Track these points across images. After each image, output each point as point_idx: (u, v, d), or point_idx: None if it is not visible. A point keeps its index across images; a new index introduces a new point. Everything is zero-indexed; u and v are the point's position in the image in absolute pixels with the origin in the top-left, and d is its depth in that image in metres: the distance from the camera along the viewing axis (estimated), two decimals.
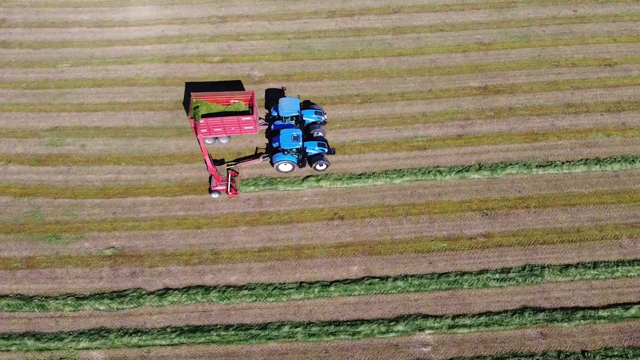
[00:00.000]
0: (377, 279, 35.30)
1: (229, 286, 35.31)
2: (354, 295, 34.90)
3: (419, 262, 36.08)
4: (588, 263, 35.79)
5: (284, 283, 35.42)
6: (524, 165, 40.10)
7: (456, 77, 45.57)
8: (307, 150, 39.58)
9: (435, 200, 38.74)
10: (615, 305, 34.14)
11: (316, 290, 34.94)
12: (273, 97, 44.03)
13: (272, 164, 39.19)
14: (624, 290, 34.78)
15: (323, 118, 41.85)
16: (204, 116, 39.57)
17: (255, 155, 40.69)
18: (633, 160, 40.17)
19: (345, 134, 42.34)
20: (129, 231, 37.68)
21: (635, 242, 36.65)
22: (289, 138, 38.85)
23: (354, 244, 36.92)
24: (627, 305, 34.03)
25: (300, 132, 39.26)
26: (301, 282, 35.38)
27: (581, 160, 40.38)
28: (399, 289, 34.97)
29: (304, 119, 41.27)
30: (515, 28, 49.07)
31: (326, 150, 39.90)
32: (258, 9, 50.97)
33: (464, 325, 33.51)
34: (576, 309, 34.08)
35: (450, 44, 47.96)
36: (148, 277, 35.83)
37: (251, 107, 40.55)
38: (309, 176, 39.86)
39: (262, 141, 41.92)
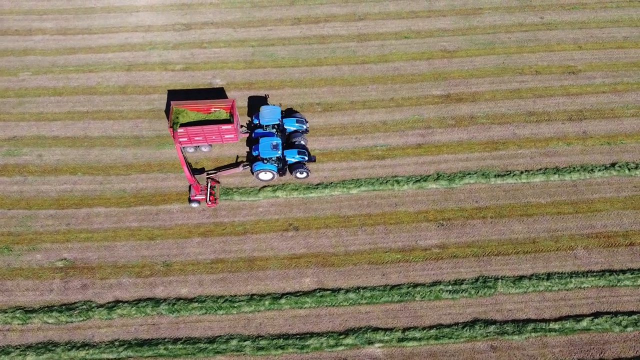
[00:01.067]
0: (328, 292, 35.03)
1: (179, 299, 35.01)
2: (304, 307, 34.62)
3: (372, 274, 35.80)
4: (542, 274, 35.55)
5: (235, 295, 35.14)
6: (483, 174, 39.84)
7: (419, 85, 45.30)
8: (287, 159, 39.30)
9: (391, 211, 38.47)
10: (566, 318, 33.91)
11: (267, 302, 34.66)
12: (256, 105, 43.69)
13: (252, 172, 38.91)
14: (577, 302, 34.53)
15: (305, 126, 41.62)
16: (184, 125, 39.27)
17: (235, 164, 40.44)
18: (592, 170, 39.93)
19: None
20: (82, 243, 37.38)
21: (590, 253, 36.40)
22: (268, 147, 38.65)
23: (308, 255, 36.64)
24: (578, 318, 33.80)
25: (279, 141, 39.05)
26: (252, 295, 35.10)
27: (540, 169, 40.13)
28: (351, 301, 34.70)
29: (285, 127, 41.01)
30: (481, 35, 48.80)
31: (307, 158, 39.62)
32: (223, 16, 50.69)
33: (414, 338, 33.25)
34: (528, 321, 33.83)
35: (414, 52, 47.69)
36: (99, 290, 35.53)
37: (232, 115, 40.25)
38: (265, 186, 39.58)
39: (244, 149, 41.58)
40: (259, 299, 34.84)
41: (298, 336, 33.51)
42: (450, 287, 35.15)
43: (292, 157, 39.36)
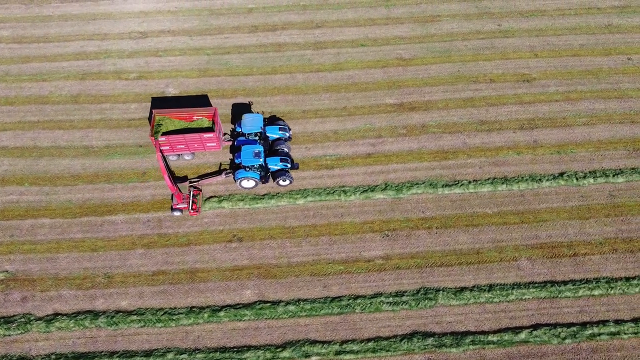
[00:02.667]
0: (268, 304, 34.86)
1: (118, 311, 34.83)
2: (244, 320, 34.46)
3: (313, 286, 35.65)
4: (484, 286, 35.43)
5: (175, 308, 34.97)
6: (430, 184, 39.71)
7: (372, 94, 45.17)
8: (269, 166, 39.23)
9: (337, 221, 38.33)
10: (506, 330, 33.78)
11: (206, 315, 34.49)
12: (239, 113, 43.59)
13: (235, 180, 38.84)
14: (517, 314, 34.41)
15: (288, 134, 41.48)
16: (166, 133, 39.23)
17: (218, 172, 40.32)
18: (540, 180, 39.83)
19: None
20: (25, 254, 37.18)
21: (534, 263, 36.29)
22: (250, 155, 38.58)
23: (250, 267, 36.48)
24: (517, 330, 33.67)
25: (261, 149, 38.99)
26: (192, 307, 34.93)
27: (488, 179, 40.02)
28: (290, 313, 34.54)
29: (267, 135, 40.92)
30: (438, 43, 48.67)
31: (289, 165, 39.50)
32: (180, 24, 50.51)
33: (351, 351, 33.10)
34: (466, 333, 33.70)
35: (370, 60, 47.57)
36: (38, 302, 35.33)
37: (214, 123, 40.19)
38: (211, 197, 39.41)
39: (226, 157, 41.50)
40: (198, 311, 34.67)
41: (235, 349, 33.34)
42: (391, 299, 35.01)
43: (275, 165, 39.31)
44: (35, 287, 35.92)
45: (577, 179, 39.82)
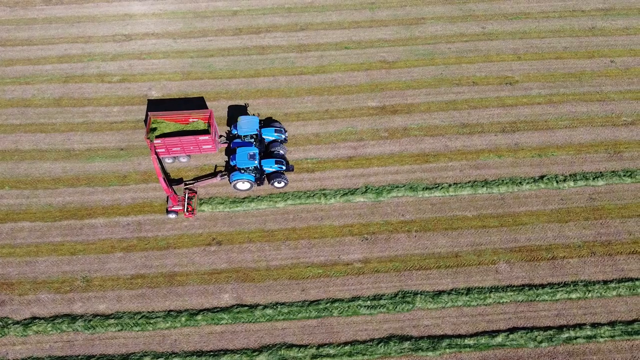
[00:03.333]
0: (246, 307, 34.86)
1: (96, 315, 34.81)
2: (221, 324, 34.44)
3: (291, 289, 35.66)
4: (462, 289, 35.44)
5: (153, 311, 34.96)
6: (411, 188, 39.72)
7: (355, 97, 45.19)
8: (264, 169, 39.27)
9: (316, 225, 38.34)
10: (482, 333, 33.78)
11: (183, 319, 34.49)
12: (236, 115, 43.68)
13: (230, 182, 38.96)
14: (494, 317, 34.43)
15: (283, 136, 41.53)
16: (162, 136, 39.27)
17: (213, 174, 40.39)
18: (520, 183, 39.85)
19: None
20: (4, 258, 37.16)
21: (512, 267, 36.31)
22: (245, 157, 38.69)
23: (228, 270, 36.48)
24: (494, 333, 33.67)
25: (256, 151, 39.09)
26: (169, 311, 34.92)
27: (469, 182, 40.04)
28: (268, 317, 34.55)
29: (263, 137, 40.99)
30: (421, 46, 48.71)
31: (284, 167, 39.56)
32: (165, 27, 50.52)
33: (328, 355, 33.10)
34: (443, 337, 33.70)
35: (353, 62, 47.60)
36: (16, 306, 35.31)
37: (210, 126, 40.16)
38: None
39: (222, 159, 41.58)
40: (176, 315, 34.66)
41: (212, 353, 33.34)
42: (369, 302, 35.01)
43: (270, 167, 39.38)
44: (13, 290, 35.90)
45: (557, 182, 39.85)
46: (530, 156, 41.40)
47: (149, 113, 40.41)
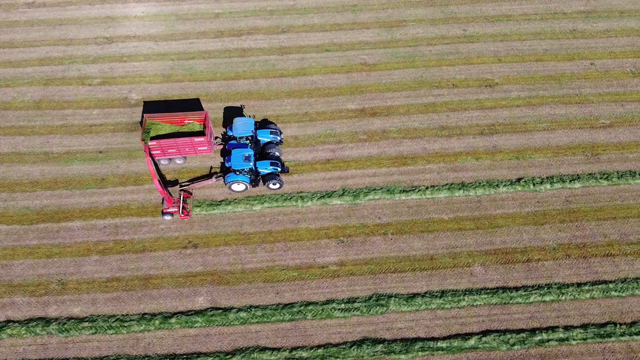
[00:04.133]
0: (220, 310, 34.91)
1: (70, 318, 34.86)
2: (195, 327, 34.50)
3: (266, 292, 35.72)
4: (436, 292, 35.53)
5: (127, 314, 35.02)
6: (388, 190, 39.79)
7: (335, 99, 45.25)
8: (259, 170, 39.40)
9: (292, 228, 38.40)
10: (455, 336, 33.86)
11: (157, 322, 34.54)
12: (231, 116, 43.70)
13: (225, 184, 39.08)
14: (467, 320, 34.51)
15: (279, 138, 41.60)
16: (157, 137, 39.43)
17: (208, 176, 40.48)
18: (497, 185, 39.93)
19: (214, 158, 41.96)
20: None
21: (487, 269, 36.40)
22: (240, 158, 38.77)
23: (204, 273, 36.53)
24: (467, 336, 33.75)
25: (252, 152, 39.18)
26: (144, 314, 34.97)
27: (446, 185, 40.12)
28: (242, 320, 34.61)
29: (259, 138, 41.09)
30: (402, 48, 48.77)
31: (279, 169, 39.64)
32: (146, 29, 50.55)
33: (300, 358, 33.19)
34: (416, 340, 33.79)
35: (334, 65, 47.65)
36: None
37: (205, 127, 40.30)
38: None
39: (218, 161, 41.67)
40: (150, 318, 34.72)
41: (185, 356, 33.39)
42: (343, 305, 35.08)
43: (265, 168, 39.47)
44: None
45: (534, 184, 39.93)
46: (507, 159, 41.48)
47: (144, 115, 40.46)
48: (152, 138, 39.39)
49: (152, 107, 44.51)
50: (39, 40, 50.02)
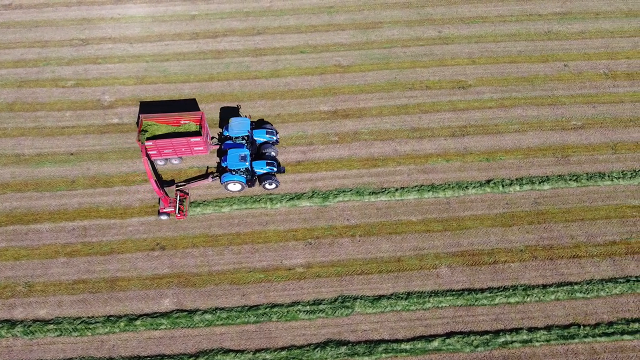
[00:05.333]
0: (185, 313, 34.94)
1: (36, 320, 34.87)
2: (160, 329, 34.54)
3: (232, 294, 35.76)
4: (402, 294, 35.58)
5: (93, 317, 35.04)
6: (357, 192, 39.84)
7: (307, 101, 45.29)
8: (255, 170, 39.49)
9: (261, 230, 38.44)
10: (420, 338, 33.91)
11: (122, 324, 34.56)
12: (227, 116, 43.80)
13: (221, 183, 39.19)
14: (432, 322, 34.56)
15: (275, 138, 41.73)
16: (153, 138, 39.55)
17: (205, 176, 40.59)
18: (466, 187, 39.99)
19: (185, 161, 41.98)
20: None
21: (453, 271, 36.45)
22: (236, 158, 38.88)
23: (170, 275, 36.57)
24: (431, 338, 33.80)
25: (248, 152, 39.29)
26: (109, 316, 35.00)
27: (415, 186, 40.16)
28: (207, 322, 34.63)
29: (254, 138, 41.22)
30: (377, 50, 48.81)
31: (275, 169, 39.75)
32: (122, 31, 50.57)
33: None
34: (380, 342, 33.83)
35: (308, 66, 47.68)
36: None
37: (201, 127, 40.43)
38: (138, 205, 39.49)
39: (214, 161, 41.78)
40: (115, 320, 34.74)
41: (149, 358, 33.42)
42: (308, 307, 35.13)
43: (261, 168, 39.57)
44: None
45: (503, 186, 39.99)
46: (478, 160, 41.54)
47: (140, 115, 40.54)
48: (149, 138, 39.48)
49: (148, 107, 44.46)
50: (14, 42, 50.02)
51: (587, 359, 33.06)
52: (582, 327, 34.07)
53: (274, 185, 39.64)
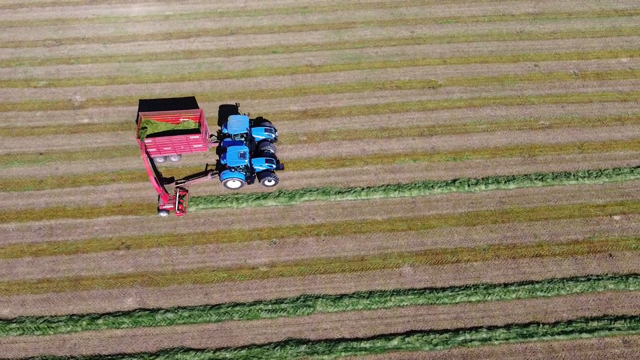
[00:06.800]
0: (147, 311, 35.09)
1: None
2: (122, 328, 34.68)
3: (194, 293, 35.91)
4: (364, 293, 35.74)
5: (55, 316, 35.19)
6: (323, 192, 40.00)
7: (277, 101, 45.46)
8: (254, 167, 39.74)
9: (226, 229, 38.60)
10: (379, 337, 34.07)
11: (84, 323, 34.71)
12: (226, 114, 43.92)
13: (221, 181, 39.40)
14: (393, 320, 34.74)
15: (274, 135, 41.97)
16: (153, 135, 39.77)
17: (204, 173, 40.84)
18: (432, 186, 40.16)
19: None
20: None
21: (416, 270, 36.62)
22: (235, 155, 39.07)
23: (134, 275, 36.72)
24: (390, 336, 33.96)
25: (247, 150, 39.49)
26: (72, 315, 35.14)
27: (382, 186, 40.32)
28: (168, 321, 34.79)
29: (253, 136, 41.48)
30: (349, 50, 48.98)
31: (274, 166, 39.92)
32: (96, 32, 50.71)
33: (224, 359, 33.35)
34: (340, 340, 33.99)
35: (280, 66, 47.84)
36: None
37: (200, 125, 40.59)
38: (105, 204, 39.64)
39: (213, 159, 41.97)
40: (77, 319, 34.89)
41: (110, 357, 33.57)
42: (270, 306, 35.28)
43: (260, 166, 39.80)
44: None
45: (469, 185, 40.17)
46: (445, 160, 41.71)
47: (139, 113, 40.72)
48: (148, 136, 39.76)
49: (147, 105, 44.71)
50: None
51: (545, 357, 33.23)
52: (541, 325, 34.25)
53: (273, 182, 39.84)
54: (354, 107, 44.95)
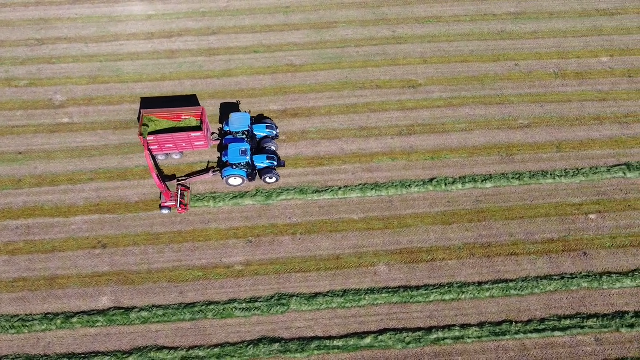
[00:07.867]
0: (122, 310, 35.18)
1: None
2: (96, 326, 34.78)
3: (169, 292, 36.01)
4: (338, 291, 35.85)
5: (30, 314, 35.29)
6: (300, 191, 40.10)
7: (258, 100, 45.56)
8: (256, 164, 39.88)
9: (202, 228, 38.70)
10: (353, 335, 34.17)
11: (59, 321, 34.80)
12: (227, 112, 44.25)
13: (222, 178, 39.52)
14: (366, 319, 34.84)
15: (275, 132, 42.12)
16: (154, 132, 40.05)
17: (206, 170, 40.95)
18: (409, 185, 40.25)
19: (131, 159, 42.22)
20: None
21: (391, 269, 36.72)
22: (237, 152, 39.26)
23: (110, 273, 36.82)
24: (364, 335, 34.07)
25: (248, 147, 39.71)
26: (47, 314, 35.24)
27: (359, 185, 40.42)
28: (143, 320, 34.89)
29: (255, 133, 41.65)
30: (330, 49, 49.08)
31: (276, 163, 40.10)
32: (78, 31, 50.81)
33: (197, 357, 33.48)
34: (313, 339, 34.09)
35: (260, 66, 47.95)
36: None
37: (202, 122, 40.79)
38: (83, 204, 39.74)
39: (215, 156, 42.14)
40: (52, 317, 34.97)
41: (83, 356, 33.68)
42: (244, 305, 35.38)
43: (261, 163, 39.93)
44: None
45: (446, 184, 40.26)
46: (423, 159, 41.82)
47: (141, 110, 40.86)
48: (150, 133, 39.93)
49: (149, 103, 44.86)
50: None
51: (517, 355, 33.34)
52: (514, 323, 34.34)
53: (274, 179, 39.98)
54: (333, 107, 45.05)
